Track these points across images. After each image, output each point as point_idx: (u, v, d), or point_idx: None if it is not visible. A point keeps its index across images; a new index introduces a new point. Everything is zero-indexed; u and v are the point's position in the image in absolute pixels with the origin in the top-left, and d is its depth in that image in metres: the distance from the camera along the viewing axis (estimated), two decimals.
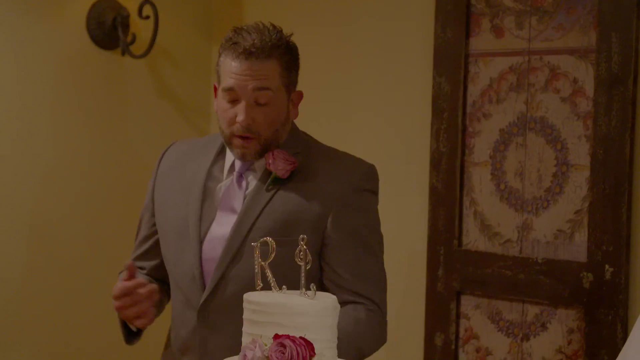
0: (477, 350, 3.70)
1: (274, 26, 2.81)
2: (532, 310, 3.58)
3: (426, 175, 3.80)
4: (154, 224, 2.93)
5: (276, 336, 2.09)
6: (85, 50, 4.08)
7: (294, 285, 2.29)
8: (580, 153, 3.48)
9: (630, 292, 3.38)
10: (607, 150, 3.39)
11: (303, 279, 2.22)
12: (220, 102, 2.79)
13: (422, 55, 3.82)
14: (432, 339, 3.78)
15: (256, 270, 2.28)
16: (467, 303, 3.73)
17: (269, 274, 2.26)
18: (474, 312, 3.71)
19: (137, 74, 4.22)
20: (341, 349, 2.38)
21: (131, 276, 2.72)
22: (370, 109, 3.99)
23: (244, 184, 2.81)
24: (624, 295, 3.37)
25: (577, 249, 3.49)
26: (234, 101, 2.75)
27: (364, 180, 2.82)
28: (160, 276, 2.95)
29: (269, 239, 2.30)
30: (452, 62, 3.73)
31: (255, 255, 2.29)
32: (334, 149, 2.91)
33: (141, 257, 2.98)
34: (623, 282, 3.37)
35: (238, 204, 2.79)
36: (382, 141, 3.89)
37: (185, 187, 2.85)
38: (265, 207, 2.76)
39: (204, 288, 2.75)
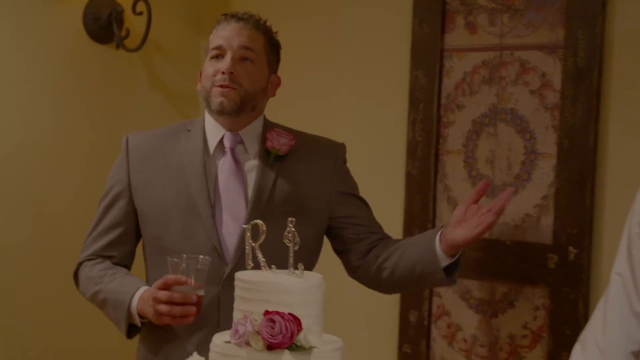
0: (449, 326, 3.71)
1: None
2: (501, 289, 3.59)
3: (403, 163, 3.81)
4: (129, 210, 2.87)
5: (266, 312, 2.10)
6: (82, 45, 4.07)
7: (300, 251, 2.36)
8: (548, 142, 3.49)
9: (592, 272, 3.39)
10: (573, 139, 3.41)
11: (292, 258, 2.22)
12: (205, 65, 2.87)
13: (400, 50, 3.82)
14: (406, 315, 3.79)
15: (247, 251, 2.27)
16: None
17: (259, 254, 2.25)
18: (446, 291, 3.71)
19: (130, 66, 4.22)
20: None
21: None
22: (351, 100, 3.99)
23: (238, 159, 2.84)
24: (586, 275, 3.38)
25: (543, 232, 3.49)
26: (218, 57, 2.84)
27: (344, 153, 3.01)
28: (129, 262, 2.93)
29: (259, 221, 2.30)
30: (428, 57, 3.74)
31: (247, 236, 2.28)
32: (304, 132, 3.00)
33: (113, 245, 2.89)
34: (586, 263, 3.38)
35: (239, 179, 2.81)
36: (362, 131, 3.89)
37: (179, 169, 2.82)
38: (275, 182, 2.82)
39: (226, 261, 2.74)
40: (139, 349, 2.88)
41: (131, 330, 2.78)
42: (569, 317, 3.40)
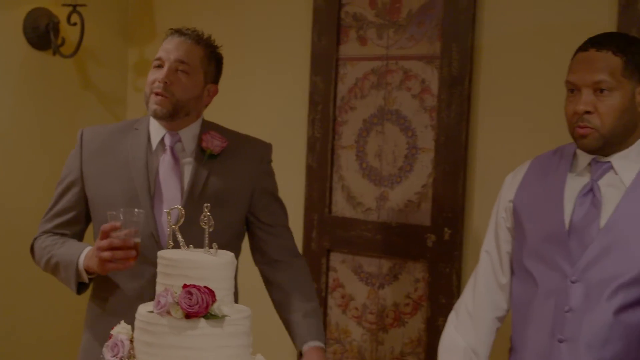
0: (343, 297, 3.74)
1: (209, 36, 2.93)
2: (387, 264, 3.62)
3: (303, 156, 3.82)
4: (80, 197, 2.86)
5: (184, 285, 2.09)
6: (22, 51, 4.02)
7: (226, 236, 2.43)
8: (427, 139, 3.52)
9: (464, 250, 3.45)
10: (448, 136, 3.45)
11: (207, 239, 2.22)
12: (149, 73, 2.85)
13: (301, 59, 3.84)
14: None
15: (168, 232, 2.26)
16: (335, 259, 3.75)
17: (179, 236, 2.24)
18: (341, 266, 3.74)
19: (66, 70, 4.17)
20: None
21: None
22: (259, 102, 3.98)
23: (177, 156, 2.84)
24: (459, 252, 3.44)
25: (423, 215, 3.53)
26: (158, 67, 2.83)
27: (270, 154, 2.98)
28: (80, 239, 2.91)
29: (179, 207, 2.30)
30: (325, 65, 3.75)
31: (167, 219, 2.28)
32: (237, 132, 2.98)
33: (65, 224, 2.88)
34: (459, 242, 3.44)
35: (177, 174, 2.81)
36: (269, 128, 3.87)
37: (125, 164, 2.82)
38: (208, 177, 2.81)
39: (162, 245, 2.73)
40: (89, 305, 2.90)
41: (80, 288, 2.80)
42: (444, 288, 3.46)
